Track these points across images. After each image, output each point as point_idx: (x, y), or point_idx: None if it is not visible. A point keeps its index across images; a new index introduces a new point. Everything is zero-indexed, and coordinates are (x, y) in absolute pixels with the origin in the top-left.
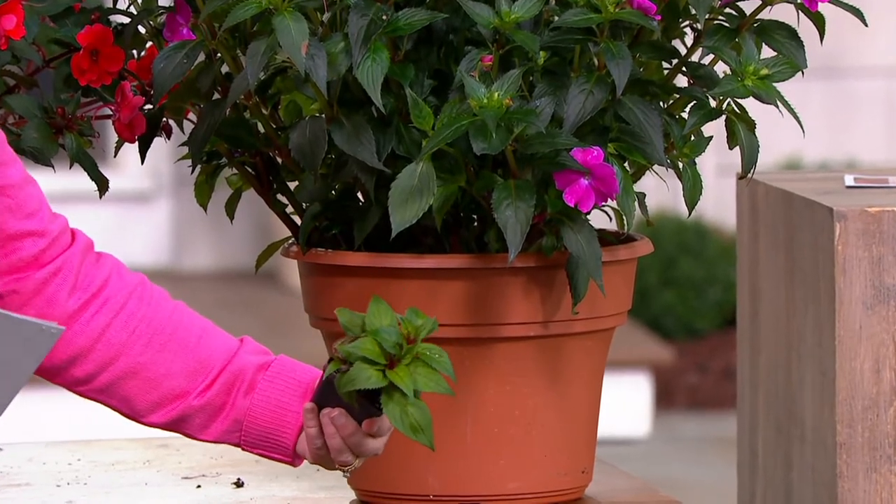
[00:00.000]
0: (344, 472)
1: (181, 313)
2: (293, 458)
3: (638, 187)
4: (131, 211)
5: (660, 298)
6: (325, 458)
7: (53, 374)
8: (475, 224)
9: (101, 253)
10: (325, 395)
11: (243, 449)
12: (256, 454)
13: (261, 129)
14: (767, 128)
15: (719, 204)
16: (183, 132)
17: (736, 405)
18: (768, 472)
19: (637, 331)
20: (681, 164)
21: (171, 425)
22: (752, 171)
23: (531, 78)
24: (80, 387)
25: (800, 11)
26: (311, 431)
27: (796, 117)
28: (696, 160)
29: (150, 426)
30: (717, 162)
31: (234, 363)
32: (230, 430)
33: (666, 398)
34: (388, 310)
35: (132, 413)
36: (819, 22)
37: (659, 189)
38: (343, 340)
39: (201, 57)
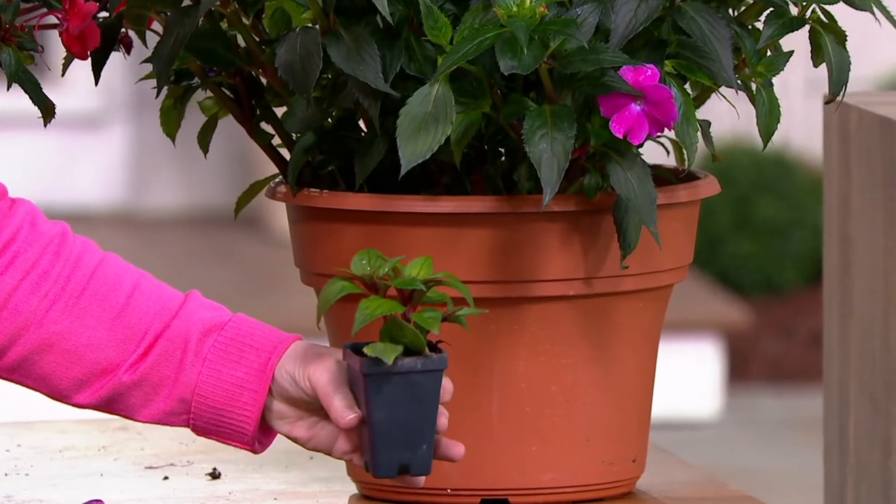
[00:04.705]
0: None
1: (108, 267)
2: (254, 446)
3: (702, 114)
4: (80, 138)
5: (732, 247)
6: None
7: None
8: (502, 159)
9: (15, 199)
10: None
11: (196, 434)
12: (212, 440)
13: (241, 42)
14: (863, 38)
15: (808, 130)
16: (146, 46)
17: (823, 378)
18: (862, 460)
19: (703, 288)
20: (754, 86)
21: (104, 406)
22: (841, 92)
23: None
24: None
25: None
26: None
27: None
28: (775, 80)
29: (80, 408)
30: (806, 77)
31: (174, 327)
32: (174, 412)
33: (740, 370)
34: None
35: (54, 394)
36: None
37: (730, 115)
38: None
39: None
